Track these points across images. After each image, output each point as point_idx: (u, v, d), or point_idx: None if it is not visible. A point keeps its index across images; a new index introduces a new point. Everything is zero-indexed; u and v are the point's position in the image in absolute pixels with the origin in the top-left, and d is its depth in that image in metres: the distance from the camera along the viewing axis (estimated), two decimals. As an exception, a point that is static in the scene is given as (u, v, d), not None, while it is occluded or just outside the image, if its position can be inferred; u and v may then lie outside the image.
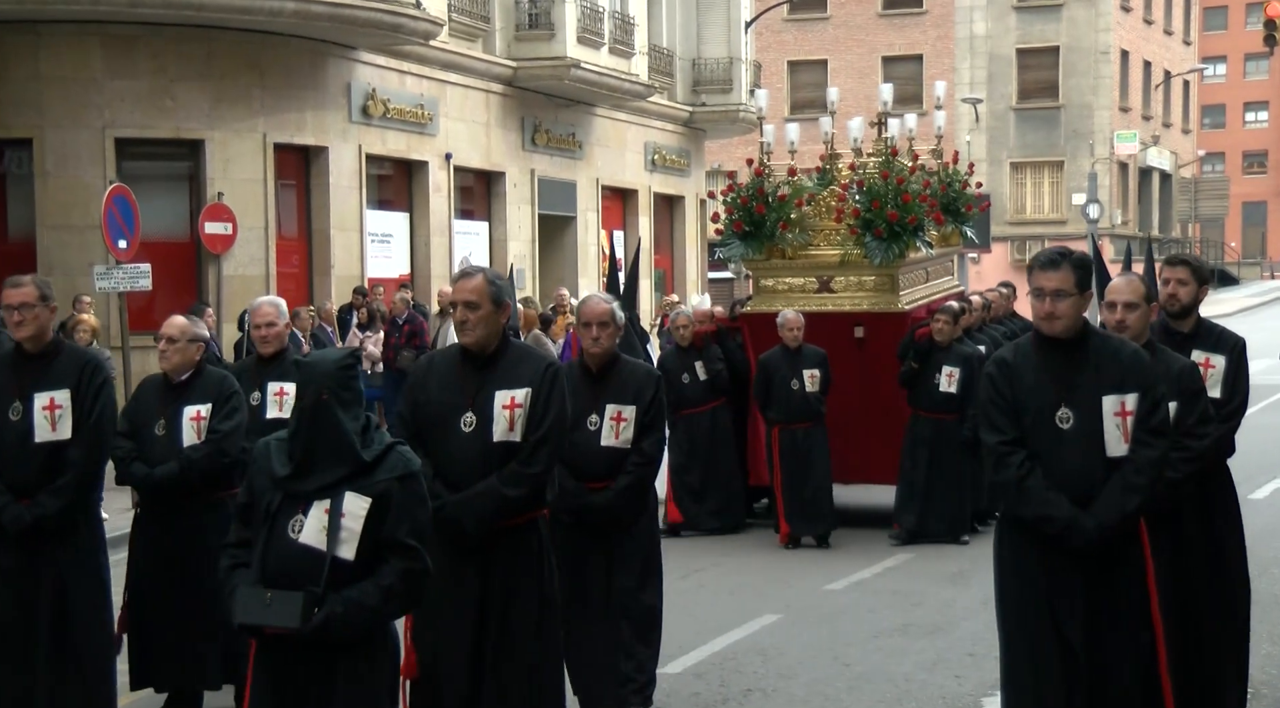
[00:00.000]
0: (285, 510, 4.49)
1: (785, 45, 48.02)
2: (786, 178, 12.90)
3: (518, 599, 5.70)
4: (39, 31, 17.97)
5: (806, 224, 12.86)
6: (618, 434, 6.74)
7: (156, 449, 7.05)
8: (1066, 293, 5.28)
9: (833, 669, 8.21)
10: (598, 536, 6.82)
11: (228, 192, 18.79)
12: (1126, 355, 5.37)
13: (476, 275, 5.82)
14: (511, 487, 5.64)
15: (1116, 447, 5.27)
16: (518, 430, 5.69)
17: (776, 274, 13.00)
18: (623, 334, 13.88)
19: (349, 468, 4.48)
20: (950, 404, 11.75)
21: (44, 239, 18.19)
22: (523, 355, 5.92)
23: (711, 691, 7.80)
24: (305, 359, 4.70)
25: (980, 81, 48.16)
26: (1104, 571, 5.27)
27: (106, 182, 17.08)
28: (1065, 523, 5.19)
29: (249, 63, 19.15)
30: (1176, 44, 56.77)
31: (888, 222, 12.27)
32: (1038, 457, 5.29)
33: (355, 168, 20.94)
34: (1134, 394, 5.27)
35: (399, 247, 22.48)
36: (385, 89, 21.43)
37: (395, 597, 4.51)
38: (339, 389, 4.51)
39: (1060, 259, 5.34)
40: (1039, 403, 5.30)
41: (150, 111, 18.47)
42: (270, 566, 4.47)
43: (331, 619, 4.38)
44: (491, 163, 24.49)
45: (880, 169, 12.73)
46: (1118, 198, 49.39)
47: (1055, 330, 5.31)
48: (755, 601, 10.02)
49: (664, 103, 29.55)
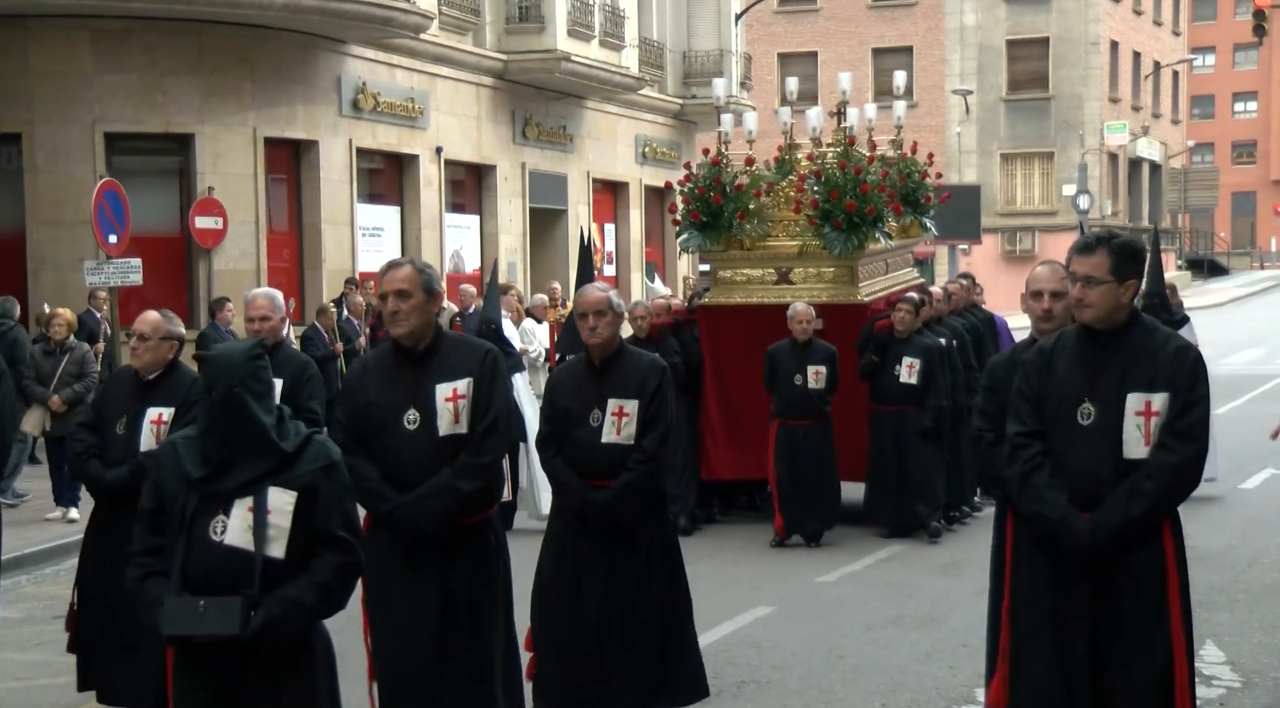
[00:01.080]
0: (204, 513, 4.26)
1: (775, 38, 48.03)
2: (744, 168, 12.71)
3: (480, 599, 5.61)
4: (29, 26, 17.95)
5: (765, 215, 12.68)
6: (619, 430, 6.43)
7: (115, 449, 6.81)
8: (1098, 280, 4.97)
9: (827, 661, 8.22)
10: (605, 535, 6.46)
11: (218, 186, 18.78)
12: (1168, 353, 4.98)
13: (405, 265, 5.72)
14: (466, 480, 5.53)
15: (1135, 448, 4.92)
16: (463, 422, 5.57)
17: (735, 265, 12.78)
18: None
19: (269, 462, 4.28)
20: (911, 395, 11.60)
21: (34, 234, 18.18)
22: (459, 346, 5.81)
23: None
24: (210, 354, 4.45)
25: (970, 73, 48.17)
26: (1115, 578, 4.96)
27: (97, 176, 17.05)
28: (1059, 523, 4.93)
29: (239, 57, 19.12)
30: (1166, 34, 56.83)
31: (846, 212, 12.10)
32: (1053, 452, 5.02)
33: (346, 162, 20.93)
34: (1163, 394, 4.92)
35: (390, 240, 22.47)
36: (376, 83, 21.42)
37: (331, 592, 4.32)
38: (250, 381, 4.31)
39: (1096, 244, 5.06)
40: (1064, 395, 5.03)
41: (140, 106, 18.46)
42: (194, 571, 4.24)
43: (270, 622, 4.19)
44: (482, 156, 24.48)
45: (838, 159, 12.53)
46: (1108, 188, 49.46)
47: (1085, 318, 5.03)
48: (748, 593, 10.02)
49: (654, 95, 29.55)
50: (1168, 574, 4.97)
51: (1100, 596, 4.94)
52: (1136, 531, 4.90)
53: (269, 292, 8.00)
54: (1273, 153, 79.65)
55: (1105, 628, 4.94)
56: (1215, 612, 9.19)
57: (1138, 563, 4.95)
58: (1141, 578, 4.95)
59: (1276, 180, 77.22)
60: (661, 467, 6.56)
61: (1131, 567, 4.95)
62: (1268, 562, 10.86)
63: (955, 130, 47.74)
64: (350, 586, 4.42)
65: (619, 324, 6.52)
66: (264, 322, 7.59)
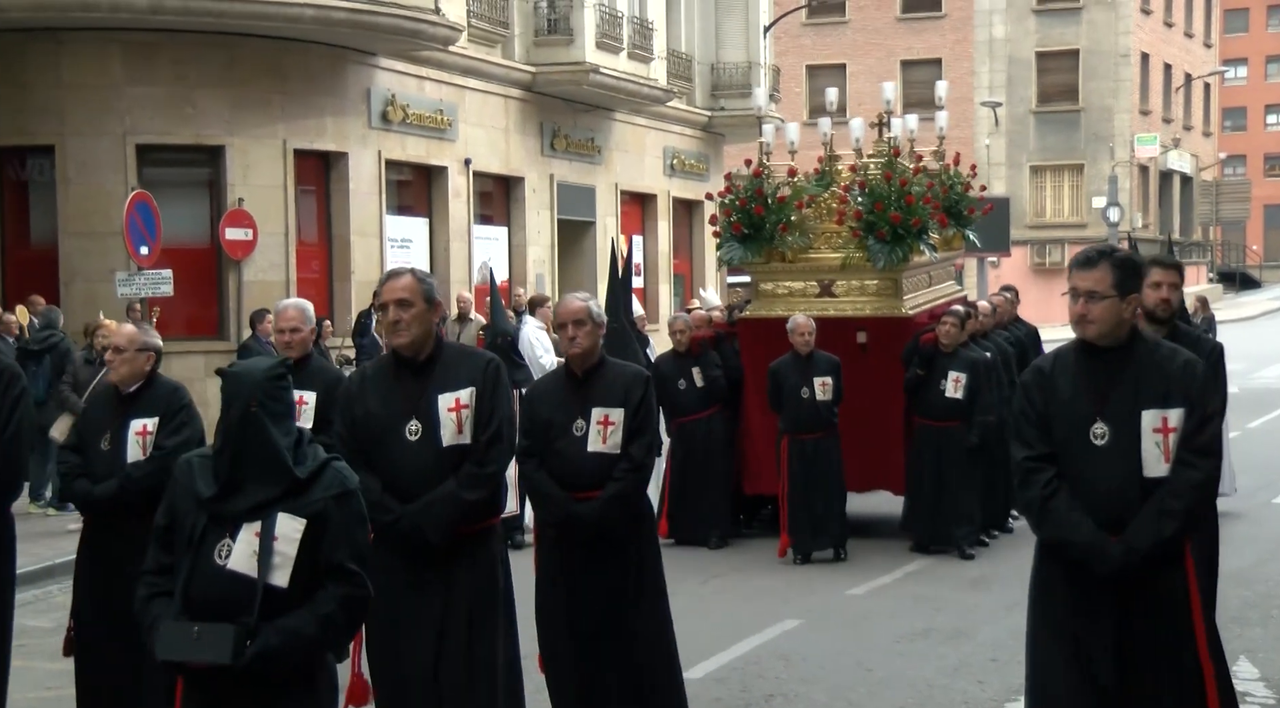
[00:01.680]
0: (211, 534, 4.15)
1: (804, 50, 48.00)
2: (786, 179, 12.58)
3: (480, 608, 5.54)
4: (60, 39, 18.05)
5: (807, 226, 12.56)
6: (605, 439, 6.30)
7: (102, 464, 6.62)
8: (1102, 295, 4.79)
9: (855, 675, 8.19)
10: (588, 549, 6.33)
11: (248, 197, 18.85)
12: (1176, 366, 4.83)
13: (405, 274, 5.66)
14: (470, 490, 5.48)
15: (1155, 466, 4.77)
16: (466, 432, 5.51)
17: (776, 278, 12.66)
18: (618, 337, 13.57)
19: (281, 487, 4.15)
20: (956, 410, 11.46)
21: (66, 246, 18.26)
22: (461, 355, 5.77)
23: (733, 696, 7.79)
24: (231, 369, 4.33)
25: (1000, 85, 48.06)
26: (1139, 603, 4.78)
27: (128, 188, 17.16)
28: (1087, 548, 4.74)
29: (269, 69, 19.20)
30: (1197, 46, 56.59)
31: (891, 224, 11.97)
32: (1067, 475, 4.84)
33: (375, 173, 20.98)
34: (1179, 409, 4.76)
35: (419, 252, 22.50)
36: (405, 95, 21.48)
37: (334, 626, 4.18)
38: (269, 401, 4.19)
39: (1098, 257, 4.87)
40: (1073, 416, 4.84)
41: (171, 118, 18.53)
42: (195, 595, 4.13)
43: (266, 653, 4.05)
44: (511, 168, 24.52)
45: (883, 170, 12.40)
46: (1138, 201, 49.25)
47: (1087, 334, 4.85)
48: (777, 606, 10.01)
49: (683, 107, 29.56)
50: (1190, 594, 4.83)
51: (1124, 621, 4.78)
52: (1167, 552, 4.75)
53: (299, 303, 7.95)
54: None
55: (1130, 654, 4.77)
56: (1248, 628, 9.13)
57: (1159, 584, 4.80)
58: (1164, 600, 4.80)
59: (1309, 193, 76.67)
60: (648, 476, 6.49)
61: (1153, 589, 4.79)
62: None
63: (984, 142, 47.59)
64: (356, 619, 4.30)
65: (599, 334, 6.40)
66: (294, 334, 7.57)
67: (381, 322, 5.67)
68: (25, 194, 18.97)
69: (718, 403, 12.41)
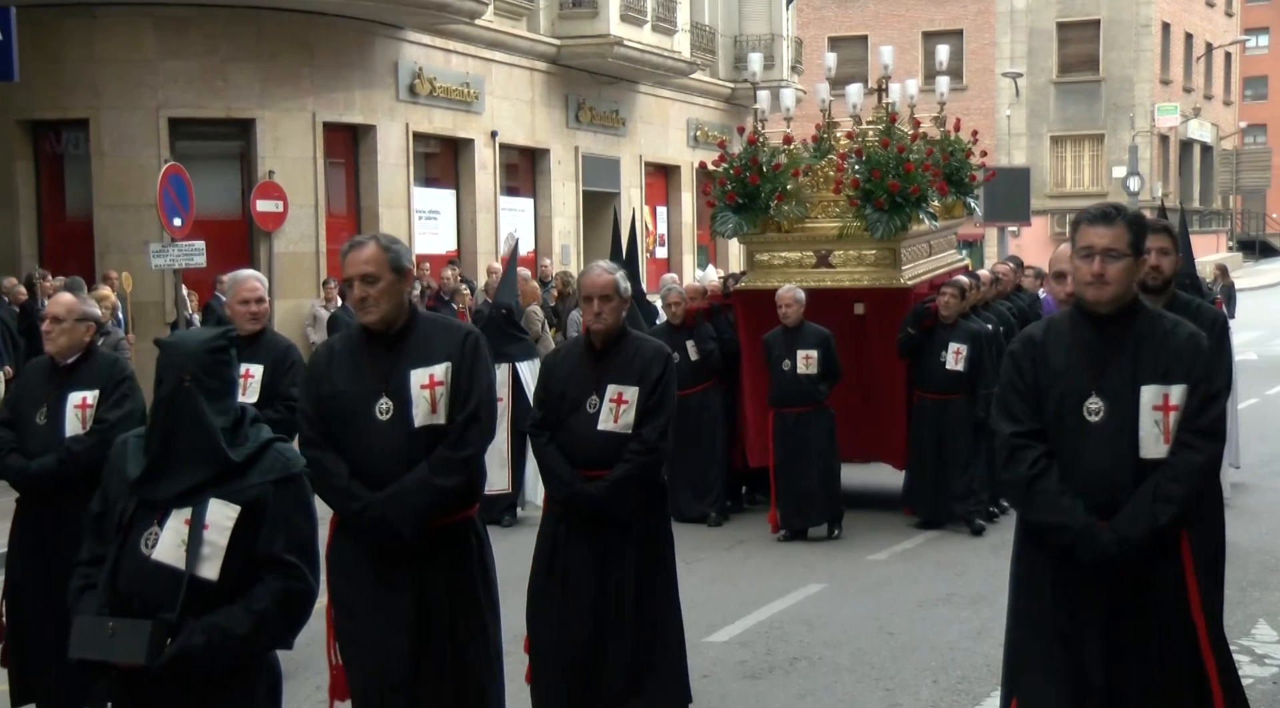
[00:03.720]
0: (140, 521, 3.71)
1: (826, 21, 47.75)
2: (782, 147, 12.05)
3: (460, 609, 5.00)
4: (94, 14, 18.09)
5: (803, 196, 11.94)
6: (617, 418, 5.93)
7: (37, 439, 6.21)
8: (1120, 253, 4.35)
9: (877, 639, 8.22)
10: (593, 531, 5.98)
11: (278, 170, 18.90)
12: (1179, 340, 4.37)
13: (368, 243, 4.99)
14: (444, 476, 4.88)
15: (1153, 447, 4.32)
16: (441, 412, 4.91)
17: (772, 248, 12.05)
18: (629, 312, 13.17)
19: (214, 470, 3.70)
20: (957, 383, 11.05)
21: (101, 218, 18.35)
22: (436, 327, 5.12)
23: (758, 659, 7.82)
24: (167, 339, 3.90)
25: (1020, 56, 47.74)
26: (1132, 596, 4.35)
27: (161, 161, 17.19)
28: (1078, 534, 4.29)
29: (298, 43, 19.21)
30: (1218, 16, 56.09)
31: (889, 192, 11.38)
32: (1058, 453, 4.40)
33: (403, 146, 20.99)
34: (1181, 386, 4.31)
35: (446, 223, 22.55)
36: (431, 68, 21.47)
37: (270, 623, 3.72)
38: (203, 375, 3.74)
39: (1115, 214, 4.43)
40: (1066, 389, 4.39)
41: (202, 92, 18.58)
42: (122, 588, 3.70)
43: (189, 652, 3.62)
44: (536, 140, 24.50)
45: (880, 137, 11.86)
46: (1158, 171, 48.93)
47: (1104, 297, 4.36)
48: (800, 571, 10.03)
49: (706, 79, 29.47)
50: (1186, 584, 4.38)
51: (1115, 615, 4.34)
52: (1164, 540, 4.31)
53: (256, 273, 7.42)
54: (1325, 134, 78.46)
55: (1122, 652, 4.34)
56: (1268, 591, 9.12)
57: (1153, 576, 4.35)
58: (1158, 593, 4.35)
59: (1329, 162, 76.00)
60: (661, 459, 6.06)
61: (1147, 580, 4.34)
62: (1319, 542, 10.76)
63: (1005, 113, 47.35)
64: (295, 616, 3.83)
65: (624, 309, 6.06)
66: (260, 304, 7.13)
67: (348, 296, 5.05)
68: (61, 167, 19.03)
69: (713, 377, 11.91)
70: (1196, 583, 4.38)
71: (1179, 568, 4.38)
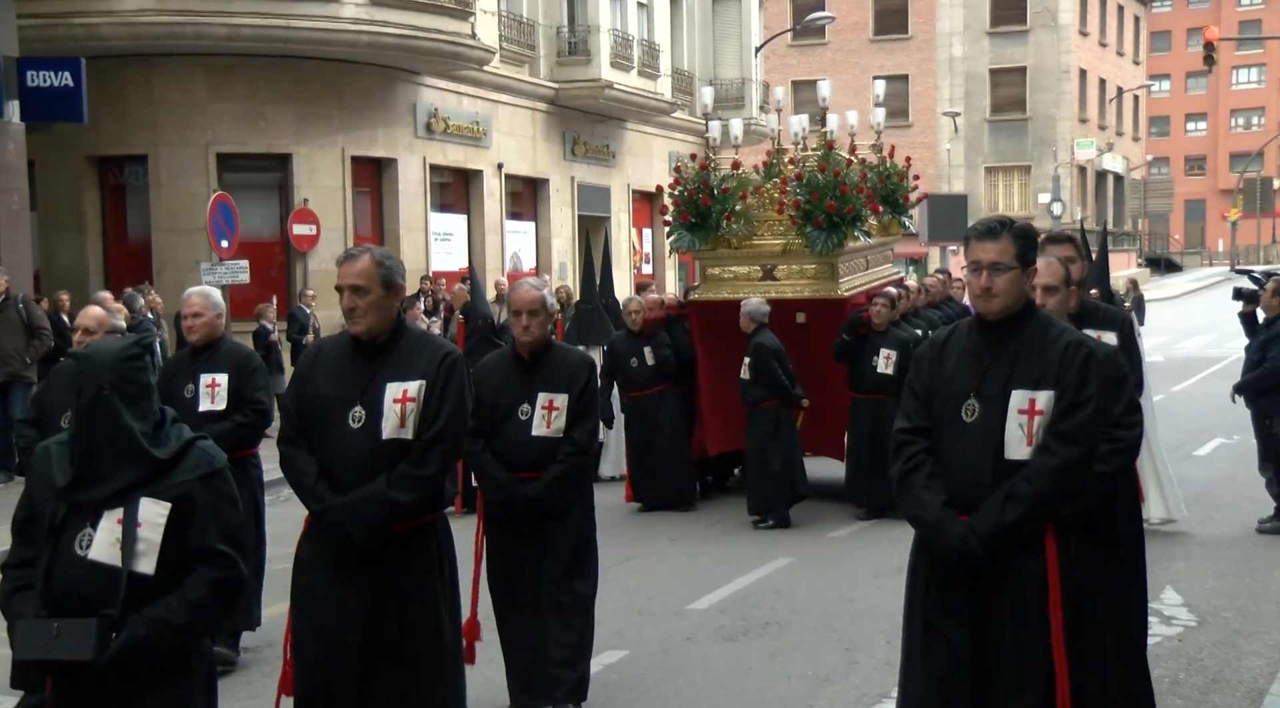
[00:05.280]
0: (72, 524, 3.42)
1: (790, 67, 47.72)
2: (731, 172, 11.88)
3: (414, 606, 4.53)
4: (152, 64, 18.03)
5: (750, 215, 11.67)
6: (549, 423, 5.67)
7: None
8: (1005, 266, 4.06)
9: (839, 605, 8.21)
10: (529, 527, 5.74)
11: (312, 198, 18.85)
12: (1058, 349, 4.04)
13: (362, 256, 4.59)
14: (401, 491, 4.44)
15: (1017, 449, 4.00)
16: (409, 427, 4.49)
17: (722, 263, 11.83)
18: (588, 319, 12.95)
19: (141, 470, 3.43)
20: (887, 384, 10.74)
21: (158, 241, 18.29)
22: (419, 344, 4.63)
23: (734, 623, 7.82)
24: (81, 351, 3.64)
25: (959, 97, 47.85)
26: (992, 588, 4.04)
27: (210, 190, 17.16)
28: (930, 527, 4.05)
29: (329, 87, 19.18)
30: (1127, 64, 56.29)
31: (826, 212, 11.17)
32: (939, 451, 4.12)
33: (420, 176, 20.96)
34: (1049, 392, 3.99)
35: (458, 244, 22.51)
36: (445, 108, 21.44)
37: (204, 611, 3.45)
38: (120, 383, 3.45)
39: (1000, 228, 4.13)
40: (951, 391, 4.11)
41: (246, 130, 18.53)
42: (57, 588, 3.41)
43: (133, 644, 3.35)
44: (537, 171, 24.48)
45: (819, 162, 11.58)
46: (1078, 197, 49.07)
47: (992, 308, 4.09)
48: (770, 546, 10.02)
49: (685, 118, 29.45)
50: (1049, 585, 3.99)
51: (977, 603, 4.05)
52: (1013, 537, 3.97)
53: (204, 289, 7.05)
54: (1219, 166, 78.95)
55: (985, 637, 4.04)
56: (1173, 561, 9.15)
57: (1015, 573, 4.02)
58: (1020, 588, 4.01)
59: (1223, 190, 76.34)
60: (590, 459, 5.87)
61: (1009, 576, 4.02)
62: (1218, 518, 10.78)
63: (946, 147, 47.44)
64: (229, 602, 3.55)
65: (550, 323, 5.82)
66: (196, 318, 6.72)
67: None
68: (123, 196, 18.97)
69: (669, 379, 11.64)
70: (1061, 584, 4.01)
71: (1040, 566, 4.00)
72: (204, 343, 6.73)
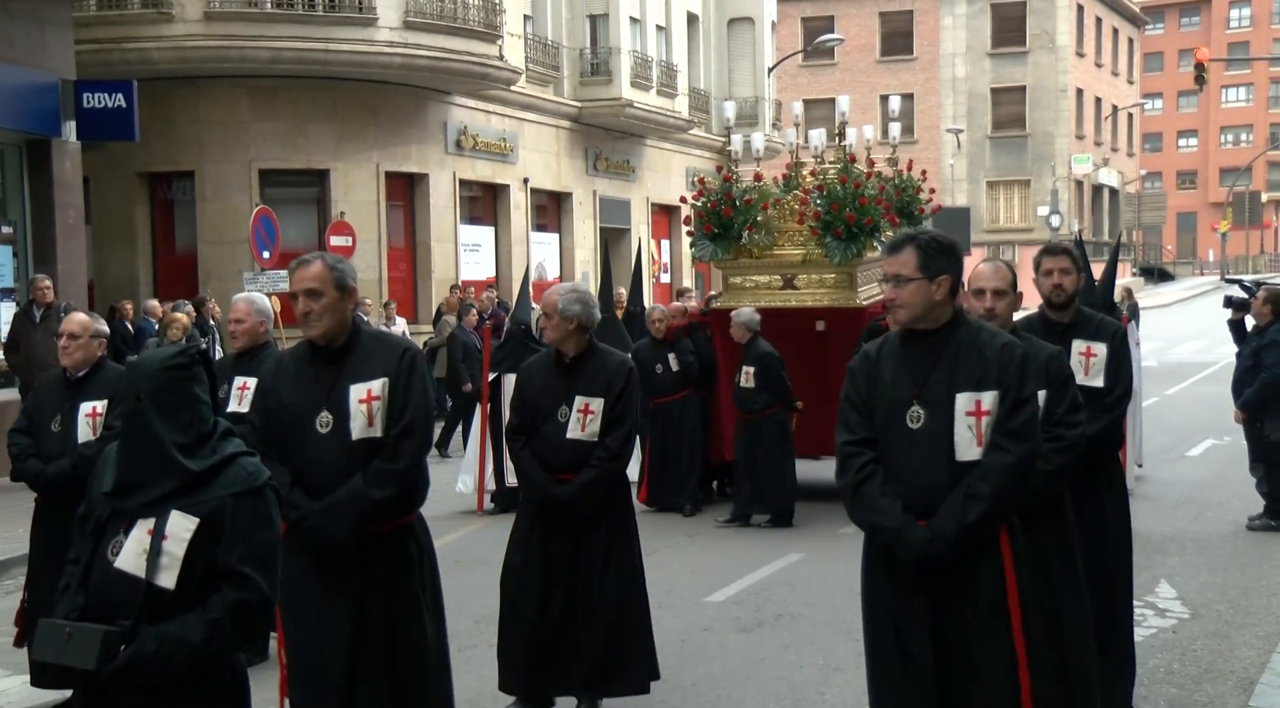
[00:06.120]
0: (110, 529, 3.25)
1: (801, 87, 47.63)
2: (753, 184, 11.78)
3: (398, 609, 4.38)
4: (199, 85, 18.14)
5: (771, 226, 11.52)
6: (584, 427, 5.51)
7: (53, 445, 5.84)
8: (907, 278, 3.97)
9: (848, 598, 8.14)
10: (564, 526, 5.57)
11: (349, 211, 18.91)
12: (994, 350, 3.96)
13: (314, 261, 4.40)
14: (378, 487, 4.29)
15: (968, 450, 3.90)
16: (378, 425, 4.34)
17: (744, 272, 11.66)
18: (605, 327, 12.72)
19: (176, 482, 3.21)
20: None
21: (204, 252, 18.38)
22: (377, 344, 4.50)
23: (749, 615, 7.81)
24: (132, 359, 3.51)
25: (961, 115, 47.77)
26: (953, 590, 3.92)
27: (253, 205, 17.23)
28: (893, 533, 3.90)
29: (365, 107, 19.24)
30: (1122, 83, 56.09)
31: (845, 223, 11.07)
32: (885, 459, 4.00)
33: (451, 191, 21.01)
34: (993, 393, 3.90)
35: (486, 254, 22.55)
36: (474, 126, 21.49)
37: (222, 632, 3.18)
38: (159, 392, 3.24)
39: (904, 242, 4.04)
40: (892, 400, 3.99)
41: (287, 147, 18.61)
42: (92, 591, 3.23)
43: (140, 658, 3.11)
44: (561, 185, 24.51)
45: (839, 175, 11.45)
46: (1075, 210, 48.88)
47: (898, 319, 4.04)
48: (782, 542, 10.00)
49: (702, 134, 29.48)
50: (1005, 582, 3.91)
51: (938, 605, 3.92)
52: (976, 536, 3.86)
53: (250, 295, 6.82)
54: (1210, 180, 78.64)
55: (947, 638, 3.92)
56: (1168, 556, 9.10)
57: (973, 572, 3.91)
58: (978, 587, 3.91)
59: (1214, 203, 76.00)
60: (623, 465, 5.62)
61: (967, 576, 3.91)
62: (1211, 515, 10.71)
63: (949, 162, 47.34)
64: (249, 625, 3.27)
65: (566, 329, 5.56)
66: (239, 324, 6.54)
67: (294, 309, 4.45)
68: (171, 210, 19.07)
69: (691, 385, 11.51)
70: (1017, 580, 3.92)
71: (997, 565, 3.91)
72: (247, 348, 6.52)
